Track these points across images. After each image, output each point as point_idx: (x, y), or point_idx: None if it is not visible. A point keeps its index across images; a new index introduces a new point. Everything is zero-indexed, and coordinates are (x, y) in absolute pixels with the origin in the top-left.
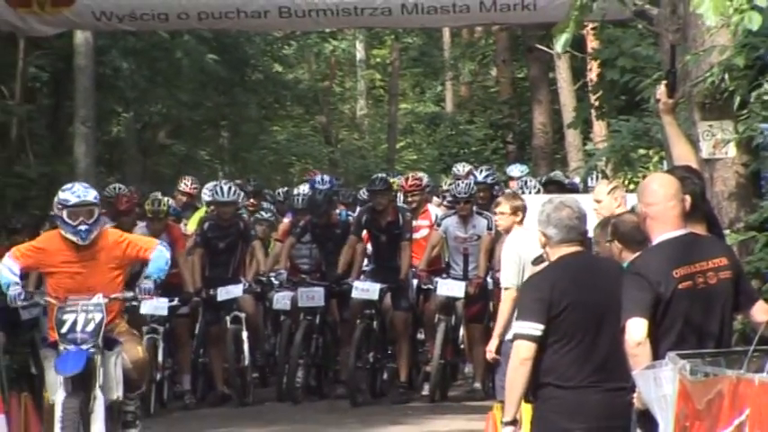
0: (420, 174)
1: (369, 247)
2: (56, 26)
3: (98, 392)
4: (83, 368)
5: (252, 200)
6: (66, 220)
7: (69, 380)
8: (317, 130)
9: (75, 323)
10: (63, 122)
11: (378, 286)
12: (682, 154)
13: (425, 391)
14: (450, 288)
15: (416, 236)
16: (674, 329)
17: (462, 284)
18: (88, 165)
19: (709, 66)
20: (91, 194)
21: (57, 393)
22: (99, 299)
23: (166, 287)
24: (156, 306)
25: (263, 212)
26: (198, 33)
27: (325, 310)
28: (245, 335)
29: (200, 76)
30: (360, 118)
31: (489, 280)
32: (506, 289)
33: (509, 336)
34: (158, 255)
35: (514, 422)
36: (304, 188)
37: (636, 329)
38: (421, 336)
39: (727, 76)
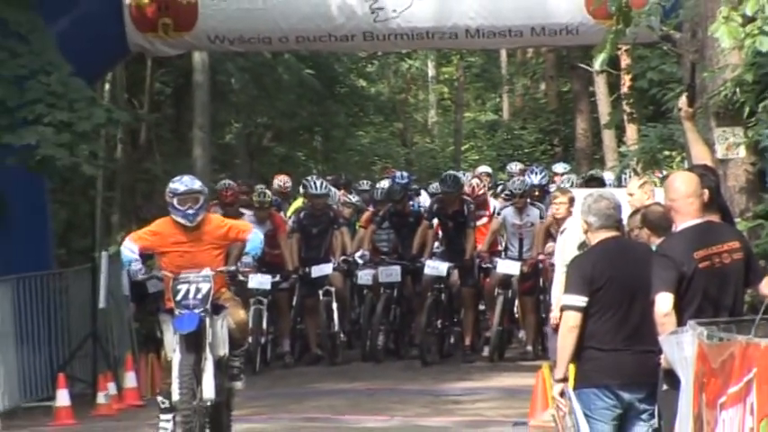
0: (487, 168)
1: (439, 233)
2: (177, 48)
3: (208, 351)
4: (196, 327)
5: (342, 191)
6: (177, 206)
7: (184, 340)
8: (395, 134)
9: (187, 292)
10: (183, 128)
11: (446, 265)
12: (699, 155)
13: (486, 352)
14: (507, 267)
15: (477, 223)
16: (694, 302)
17: (518, 264)
18: (204, 164)
19: (723, 81)
20: (197, 184)
21: (174, 353)
22: (207, 272)
23: (269, 265)
24: (261, 281)
25: (349, 197)
26: (296, 53)
27: (402, 284)
28: (334, 305)
29: (298, 89)
30: (431, 125)
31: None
32: None
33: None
34: (254, 236)
35: (565, 379)
36: (384, 183)
37: (663, 303)
38: (482, 306)
39: (738, 90)
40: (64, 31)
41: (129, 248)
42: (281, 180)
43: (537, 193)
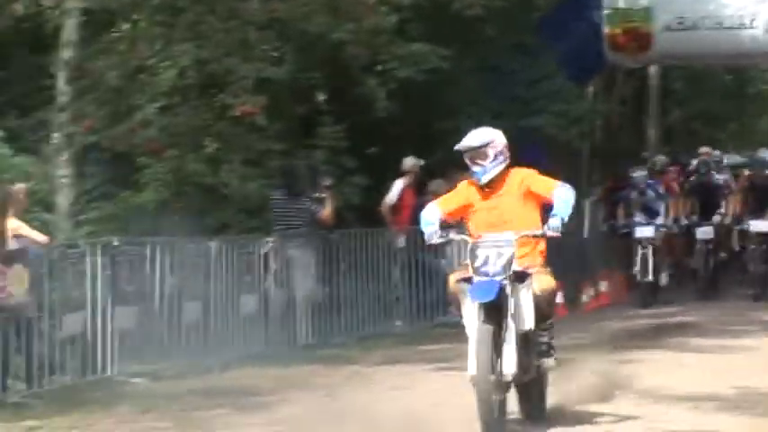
0: None
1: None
2: (638, 63)
3: (509, 322)
4: (495, 297)
5: None
6: (468, 163)
7: (483, 310)
8: None
9: (487, 258)
10: (641, 116)
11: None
12: None
13: None
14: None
15: None
16: None
17: None
18: (655, 141)
19: None
20: (477, 139)
21: (472, 322)
22: (509, 235)
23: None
24: (642, 231)
25: None
26: (722, 66)
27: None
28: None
29: (720, 90)
30: None
31: None
32: None
33: None
34: (559, 193)
35: None
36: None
37: None
38: None
39: None
40: (563, 51)
41: (430, 212)
42: (704, 149)
43: None
